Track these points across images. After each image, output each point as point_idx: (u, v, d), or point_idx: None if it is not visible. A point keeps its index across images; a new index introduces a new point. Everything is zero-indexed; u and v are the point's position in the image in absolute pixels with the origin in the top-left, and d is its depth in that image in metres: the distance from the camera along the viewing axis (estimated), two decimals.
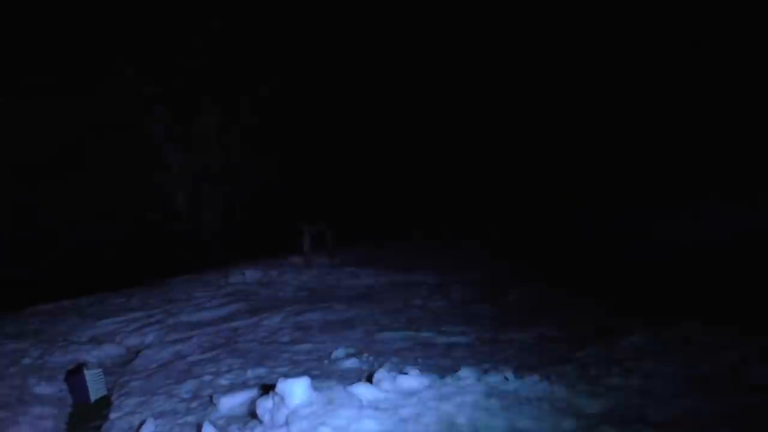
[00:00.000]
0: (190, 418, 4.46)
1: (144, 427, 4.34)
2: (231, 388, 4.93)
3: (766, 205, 10.56)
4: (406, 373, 3.81)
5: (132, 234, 14.02)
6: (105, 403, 5.35)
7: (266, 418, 3.56)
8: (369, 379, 3.86)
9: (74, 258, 13.09)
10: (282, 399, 3.48)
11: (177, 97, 14.83)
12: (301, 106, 16.01)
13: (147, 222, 14.47)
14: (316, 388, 3.54)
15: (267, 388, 3.99)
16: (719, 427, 2.95)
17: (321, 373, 5.18)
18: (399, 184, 17.03)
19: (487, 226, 15.44)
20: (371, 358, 5.54)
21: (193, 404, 4.79)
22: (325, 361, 5.63)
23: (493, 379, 3.74)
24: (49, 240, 13.24)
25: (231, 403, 4.43)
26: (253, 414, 3.84)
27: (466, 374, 3.78)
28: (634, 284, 8.09)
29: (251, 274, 10.45)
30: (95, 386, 5.58)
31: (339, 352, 5.77)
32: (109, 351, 7.03)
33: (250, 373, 5.39)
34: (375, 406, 3.37)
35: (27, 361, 6.60)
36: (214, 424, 3.97)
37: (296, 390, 3.47)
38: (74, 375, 5.64)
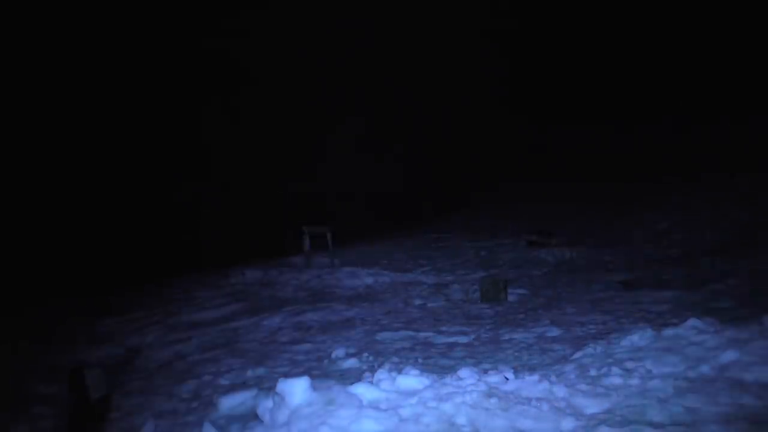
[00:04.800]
0: (190, 418, 4.47)
1: (144, 427, 4.34)
2: (231, 388, 4.93)
3: None
4: (406, 373, 3.81)
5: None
6: (105, 403, 5.34)
7: (266, 417, 3.56)
8: (369, 380, 3.85)
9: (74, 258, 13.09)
10: (282, 399, 3.48)
11: None
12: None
13: None
14: (316, 388, 3.54)
15: (267, 389, 3.99)
16: (719, 427, 2.94)
17: (321, 373, 5.18)
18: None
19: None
20: (371, 358, 5.54)
21: (194, 404, 4.80)
22: (325, 361, 5.63)
23: (493, 379, 3.74)
24: None
25: (231, 403, 4.43)
26: (253, 414, 3.84)
27: (466, 374, 3.78)
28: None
29: (251, 274, 10.45)
30: (95, 386, 5.57)
31: (339, 352, 5.77)
32: (109, 351, 7.03)
33: (250, 373, 5.39)
34: (375, 406, 3.37)
35: (27, 361, 6.60)
36: (214, 424, 3.96)
37: (296, 390, 3.46)
38: (74, 375, 5.63)
